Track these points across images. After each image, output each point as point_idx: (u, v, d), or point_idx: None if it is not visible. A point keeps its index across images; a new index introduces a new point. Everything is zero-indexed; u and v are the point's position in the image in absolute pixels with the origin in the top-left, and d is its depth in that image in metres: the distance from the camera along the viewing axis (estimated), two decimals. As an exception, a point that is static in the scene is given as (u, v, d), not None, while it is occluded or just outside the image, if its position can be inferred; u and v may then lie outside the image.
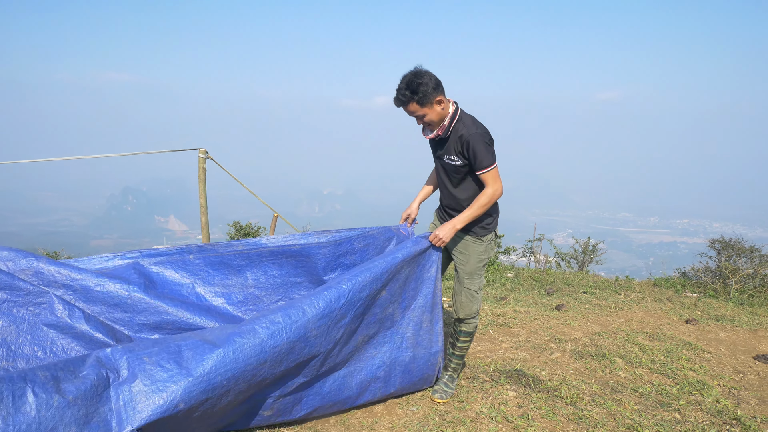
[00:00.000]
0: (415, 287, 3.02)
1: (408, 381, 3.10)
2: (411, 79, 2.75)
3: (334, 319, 2.66)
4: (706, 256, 9.22)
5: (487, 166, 2.84)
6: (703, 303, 6.74)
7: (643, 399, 3.40)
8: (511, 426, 2.92)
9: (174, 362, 2.29)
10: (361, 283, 2.74)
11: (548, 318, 5.20)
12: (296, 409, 2.75)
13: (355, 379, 2.88)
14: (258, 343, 2.42)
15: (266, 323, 2.51)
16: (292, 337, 2.52)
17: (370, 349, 2.92)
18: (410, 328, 3.02)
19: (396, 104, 2.85)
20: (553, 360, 3.97)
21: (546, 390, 3.39)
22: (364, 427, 2.88)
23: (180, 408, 2.22)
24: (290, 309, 2.58)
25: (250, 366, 2.39)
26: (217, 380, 2.30)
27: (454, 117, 2.90)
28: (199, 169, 4.67)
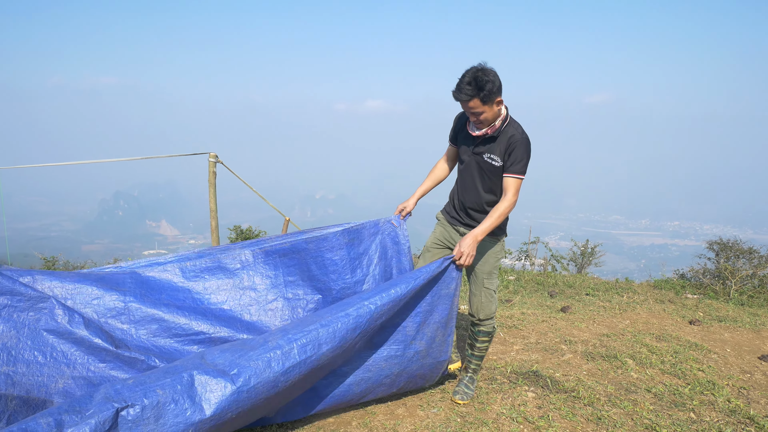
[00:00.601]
0: (431, 302, 2.99)
1: (411, 384, 3.15)
2: (478, 76, 2.69)
3: (348, 348, 2.68)
4: (704, 258, 9.31)
5: (518, 173, 2.87)
6: (704, 304, 6.81)
7: (657, 399, 3.43)
8: (533, 427, 2.94)
9: (187, 396, 2.25)
10: (379, 311, 2.70)
11: (556, 320, 5.23)
12: (296, 410, 2.79)
13: (360, 387, 2.90)
14: (272, 377, 2.39)
15: (281, 356, 2.44)
16: (304, 370, 2.50)
17: (380, 362, 2.91)
18: (423, 342, 3.01)
19: (456, 97, 2.78)
20: (566, 361, 4.00)
21: (563, 391, 3.42)
22: (387, 429, 2.89)
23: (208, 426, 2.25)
24: (308, 343, 2.51)
25: (260, 399, 2.38)
26: (227, 416, 2.30)
27: (506, 120, 2.90)
28: (209, 173, 4.66)
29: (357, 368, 2.85)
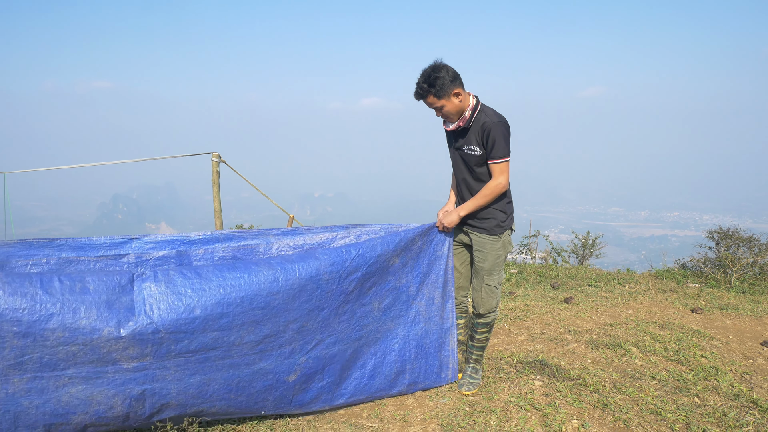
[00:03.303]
0: (429, 263, 3.16)
1: (422, 363, 3.16)
2: (429, 73, 2.83)
3: (346, 270, 2.81)
4: (705, 247, 9.36)
5: (501, 157, 2.91)
6: (705, 293, 6.86)
7: (661, 385, 3.48)
8: (540, 414, 2.99)
9: (195, 273, 2.57)
10: (371, 244, 2.93)
11: (559, 311, 5.28)
12: (318, 377, 2.83)
13: (371, 348, 2.99)
14: (272, 273, 2.65)
15: (280, 260, 2.75)
16: (304, 275, 2.71)
17: (387, 322, 3.03)
18: (423, 302, 3.15)
19: (416, 97, 2.92)
20: (571, 350, 4.05)
21: (569, 378, 3.46)
22: (397, 419, 2.94)
23: (197, 314, 2.46)
24: (304, 253, 2.83)
25: (262, 292, 2.60)
26: (232, 296, 2.54)
27: (475, 109, 2.95)
28: (212, 173, 4.69)
29: (366, 328, 2.95)
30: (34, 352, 2.30)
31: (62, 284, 2.37)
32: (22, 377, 2.31)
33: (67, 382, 2.37)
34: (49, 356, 2.32)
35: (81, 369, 2.37)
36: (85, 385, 2.39)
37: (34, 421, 2.36)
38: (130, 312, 2.41)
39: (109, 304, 2.39)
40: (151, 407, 2.50)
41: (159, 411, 2.54)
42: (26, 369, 2.31)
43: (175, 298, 2.48)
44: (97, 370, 2.39)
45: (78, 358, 2.36)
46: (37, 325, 2.28)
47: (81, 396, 2.39)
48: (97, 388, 2.40)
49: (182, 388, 2.53)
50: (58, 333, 2.31)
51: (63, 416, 2.39)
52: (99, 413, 2.43)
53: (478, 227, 3.11)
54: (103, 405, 2.42)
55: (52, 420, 2.38)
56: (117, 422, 2.50)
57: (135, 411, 2.48)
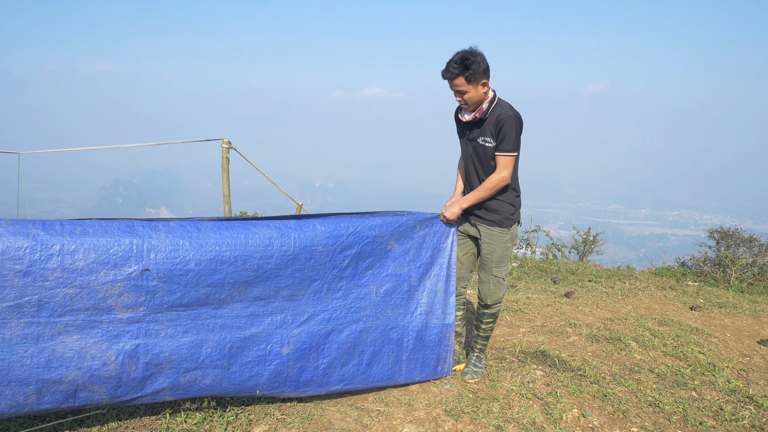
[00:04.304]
0: (432, 255, 3.17)
1: (420, 356, 3.18)
2: (465, 55, 2.84)
3: (341, 245, 2.87)
4: (705, 246, 9.43)
5: (509, 150, 2.96)
6: (704, 291, 6.93)
7: (660, 379, 3.55)
8: (542, 402, 3.06)
9: (194, 227, 2.64)
10: (370, 223, 2.97)
11: (560, 304, 5.35)
12: (313, 356, 2.86)
13: (370, 336, 3.01)
14: (267, 236, 2.71)
15: (279, 224, 2.80)
16: (298, 243, 2.78)
17: (386, 309, 3.05)
18: (425, 294, 3.16)
19: (444, 75, 2.92)
20: (571, 343, 4.11)
21: (570, 369, 3.53)
22: (402, 403, 3.01)
23: (191, 267, 2.55)
24: (303, 222, 2.87)
25: (257, 254, 2.67)
26: (226, 254, 2.61)
27: (493, 101, 3.00)
28: (222, 159, 4.72)
29: (363, 311, 2.98)
30: (33, 293, 2.34)
31: (63, 227, 2.44)
32: (19, 321, 2.34)
33: (62, 329, 2.40)
34: (47, 299, 2.37)
35: (77, 316, 2.42)
36: (80, 334, 2.43)
37: (27, 375, 2.36)
38: (127, 257, 2.46)
39: (107, 248, 2.44)
40: (144, 369, 2.52)
41: (152, 376, 2.54)
42: (24, 312, 2.35)
43: (172, 249, 2.53)
44: (92, 319, 2.44)
45: (75, 303, 2.40)
46: (38, 264, 2.33)
47: (75, 347, 2.42)
48: (91, 339, 2.43)
49: (175, 347, 2.56)
50: (57, 273, 2.36)
51: (57, 370, 2.39)
52: (92, 370, 2.44)
53: (488, 219, 3.16)
54: (96, 360, 2.44)
55: (45, 375, 2.38)
56: (110, 386, 2.49)
57: (128, 372, 2.49)
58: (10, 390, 2.35)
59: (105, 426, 2.68)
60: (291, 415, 2.85)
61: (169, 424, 2.68)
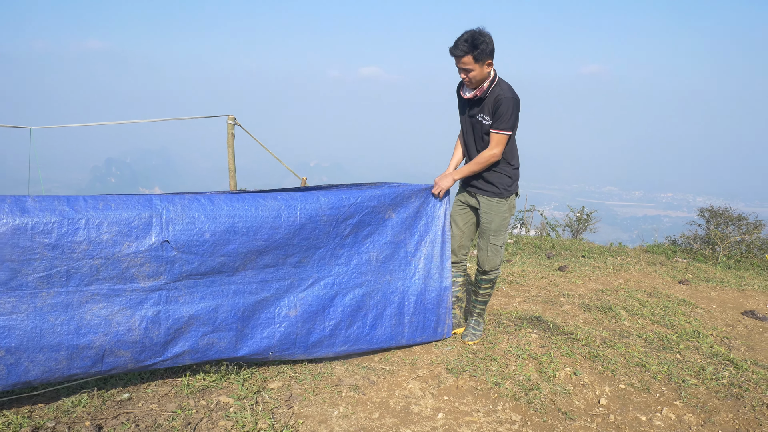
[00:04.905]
0: (427, 223, 3.38)
1: (420, 318, 3.36)
2: (475, 35, 2.97)
3: (343, 215, 3.08)
4: (695, 225, 9.66)
5: (502, 129, 3.14)
6: (693, 267, 7.16)
7: (647, 344, 3.76)
8: (536, 362, 3.27)
9: (208, 200, 2.80)
10: (369, 194, 3.16)
11: (554, 277, 5.56)
12: (320, 319, 3.05)
13: (372, 299, 3.21)
14: (276, 208, 2.89)
15: (286, 196, 2.98)
16: (304, 214, 2.96)
17: (386, 275, 3.26)
18: (422, 260, 3.37)
19: (452, 53, 3.05)
20: (564, 311, 4.33)
21: (563, 333, 3.75)
22: (406, 363, 3.21)
23: (207, 238, 2.72)
24: (307, 194, 3.05)
25: (266, 225, 2.85)
26: (239, 225, 2.78)
27: (493, 81, 3.15)
28: (227, 135, 4.85)
29: (364, 276, 3.18)
30: (61, 264, 2.50)
31: (86, 202, 2.58)
32: (49, 291, 2.50)
33: (89, 298, 2.56)
34: (74, 269, 2.52)
35: (102, 285, 2.58)
36: (106, 302, 2.59)
37: (58, 342, 2.50)
38: (147, 230, 2.63)
39: (129, 221, 2.60)
40: (165, 333, 2.69)
41: (173, 340, 2.71)
42: (53, 283, 2.50)
43: (188, 221, 2.70)
44: (117, 288, 2.61)
45: (100, 273, 2.57)
46: (65, 237, 2.49)
47: (102, 315, 2.58)
48: (116, 307, 2.60)
49: (193, 312, 2.74)
50: (84, 246, 2.52)
51: (85, 337, 2.54)
52: (118, 335, 2.60)
53: (487, 190, 3.33)
54: (122, 326, 2.60)
55: (74, 341, 2.52)
56: (134, 350, 2.64)
57: (151, 337, 2.66)
58: (43, 356, 2.51)
59: (128, 385, 2.86)
60: (302, 373, 3.04)
61: (189, 381, 2.87)
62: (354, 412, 2.67)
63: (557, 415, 2.77)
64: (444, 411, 2.73)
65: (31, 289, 2.48)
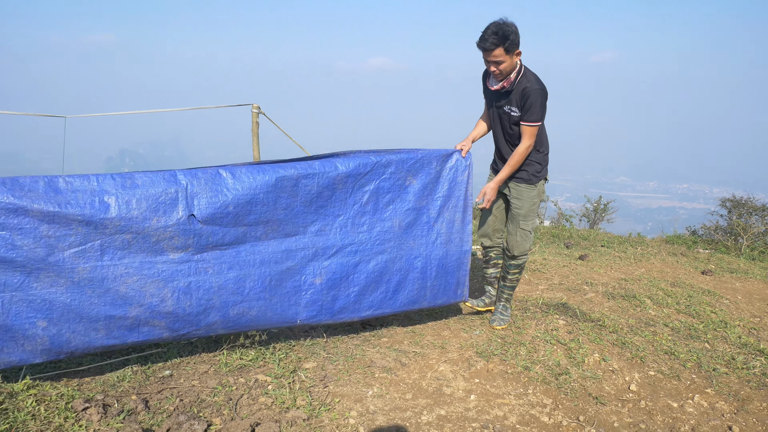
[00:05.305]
0: (449, 188, 3.38)
1: (442, 281, 3.40)
2: (502, 27, 2.97)
3: (360, 182, 3.11)
4: (716, 215, 9.57)
5: (533, 121, 3.16)
6: (715, 258, 7.10)
7: (674, 332, 3.77)
8: (565, 348, 3.30)
9: (230, 173, 2.86)
10: (386, 160, 3.18)
11: (575, 266, 5.56)
12: (344, 285, 3.11)
13: (396, 265, 3.25)
14: (294, 177, 2.94)
15: (304, 165, 3.00)
16: (321, 182, 3.01)
17: (409, 240, 3.29)
18: (444, 225, 3.38)
19: (482, 47, 3.03)
20: (588, 299, 4.34)
21: (590, 320, 3.77)
22: (436, 346, 3.26)
23: (230, 210, 2.79)
24: (325, 161, 3.08)
25: (284, 194, 2.91)
26: (259, 196, 2.86)
27: (520, 71, 3.16)
28: (252, 123, 4.90)
29: (388, 242, 3.21)
30: (95, 239, 2.60)
31: (115, 181, 2.68)
32: (85, 265, 2.60)
33: (123, 271, 2.66)
34: (107, 244, 2.63)
35: (134, 259, 2.68)
36: (139, 275, 2.68)
37: (96, 313, 2.61)
38: (174, 204, 2.71)
39: (156, 197, 2.69)
40: (197, 304, 2.77)
41: (204, 311, 2.79)
42: (89, 257, 2.60)
43: (212, 195, 2.77)
44: (148, 261, 2.70)
45: (132, 247, 2.67)
46: (97, 214, 2.58)
47: (136, 287, 2.68)
48: (149, 279, 2.70)
49: (222, 282, 2.82)
50: (115, 222, 2.61)
51: (121, 308, 2.65)
52: (152, 306, 2.70)
53: (516, 177, 3.37)
54: (155, 297, 2.70)
55: (111, 312, 2.63)
56: (168, 320, 2.73)
57: (183, 308, 2.75)
58: (82, 326, 2.62)
59: (168, 362, 2.94)
60: (335, 354, 3.11)
61: (226, 360, 2.95)
62: (388, 392, 2.73)
63: (588, 399, 2.80)
64: (476, 393, 2.78)
65: (68, 264, 2.58)
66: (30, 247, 2.52)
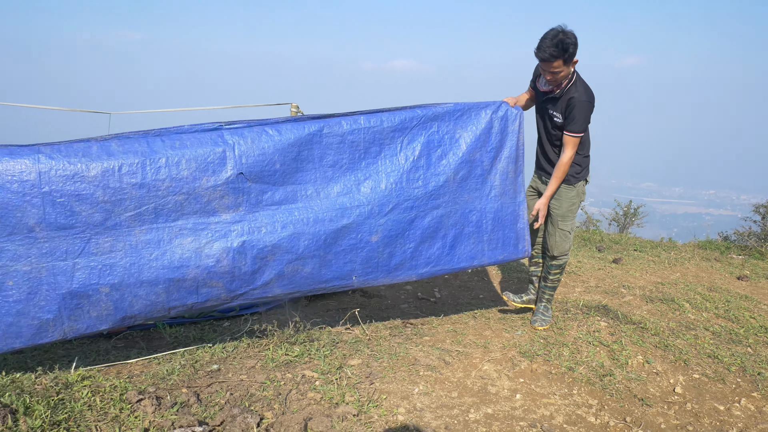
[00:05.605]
0: (501, 139, 3.30)
1: (500, 236, 3.32)
2: (562, 38, 2.93)
3: (409, 137, 3.08)
4: (750, 221, 9.39)
5: (576, 132, 3.17)
6: (750, 264, 6.97)
7: (715, 336, 3.73)
8: (608, 349, 3.30)
9: (275, 130, 2.87)
10: (433, 113, 3.14)
11: (610, 269, 5.53)
12: (400, 242, 3.08)
13: (451, 219, 3.19)
14: (339, 133, 2.95)
15: (350, 120, 2.99)
16: (367, 138, 3.01)
17: (463, 194, 3.22)
18: (498, 177, 3.30)
19: (541, 58, 3.01)
20: (627, 302, 4.32)
21: (631, 323, 3.75)
22: (479, 346, 3.29)
23: (277, 168, 2.83)
24: (370, 115, 3.04)
25: (330, 150, 2.93)
26: (305, 153, 2.89)
27: (571, 79, 3.15)
28: (292, 122, 4.99)
29: (441, 198, 3.16)
30: (149, 202, 2.65)
31: (164, 142, 2.71)
32: (141, 228, 2.65)
33: (177, 233, 2.71)
34: (161, 206, 2.67)
35: (188, 220, 2.73)
36: (193, 236, 2.73)
37: (155, 276, 2.66)
38: (223, 164, 2.75)
39: (204, 156, 2.72)
40: (252, 263, 2.79)
41: (260, 269, 2.82)
42: (144, 220, 2.66)
43: (259, 153, 2.80)
44: (202, 221, 2.75)
45: (185, 208, 2.71)
46: (149, 176, 2.63)
47: (191, 248, 2.72)
48: (203, 240, 2.74)
49: (276, 241, 2.83)
50: (167, 183, 2.66)
51: (179, 270, 2.69)
52: (209, 267, 2.73)
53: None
54: (211, 257, 2.73)
55: (170, 275, 2.68)
56: (225, 280, 2.77)
57: (239, 267, 2.77)
58: (143, 290, 2.68)
59: (215, 356, 3.02)
60: (379, 352, 3.15)
61: (273, 356, 3.01)
62: (433, 390, 2.76)
63: (633, 401, 2.80)
64: (521, 392, 2.80)
65: (125, 228, 2.64)
66: (88, 212, 2.57)
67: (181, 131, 2.84)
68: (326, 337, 3.28)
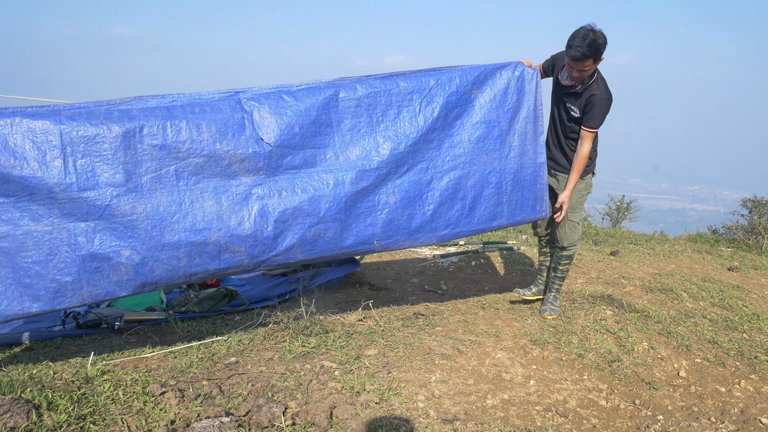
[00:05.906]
0: (518, 99, 3.27)
1: (518, 196, 3.31)
2: (594, 38, 2.96)
3: (425, 98, 3.07)
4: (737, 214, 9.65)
5: (593, 127, 3.26)
6: (738, 255, 7.17)
7: (713, 324, 3.87)
8: (615, 337, 3.41)
9: (292, 96, 2.90)
10: (450, 75, 3.14)
11: (609, 261, 5.66)
12: (419, 204, 3.09)
13: (469, 181, 3.18)
14: (356, 97, 2.97)
15: (365, 84, 3.02)
16: (385, 100, 3.02)
17: (482, 155, 3.20)
18: (516, 137, 3.27)
19: (572, 55, 3.02)
20: (628, 292, 4.44)
21: (635, 311, 3.88)
22: (491, 335, 3.38)
23: (296, 131, 2.85)
24: (386, 79, 3.07)
25: (347, 114, 2.95)
26: (322, 117, 2.91)
27: (593, 76, 3.21)
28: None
29: (459, 158, 3.16)
30: (170, 164, 2.66)
31: (183, 109, 2.73)
32: (162, 190, 2.66)
33: (198, 195, 2.72)
34: (182, 168, 2.68)
35: (208, 183, 2.74)
36: (214, 199, 2.74)
37: (177, 240, 2.65)
38: (241, 127, 2.77)
39: (224, 120, 2.75)
40: (274, 227, 2.80)
41: (282, 234, 2.83)
42: (165, 183, 2.66)
43: (277, 116, 2.83)
44: (222, 184, 2.76)
45: (205, 171, 2.73)
46: (169, 138, 2.65)
47: (213, 210, 2.72)
48: (225, 202, 2.75)
49: (297, 204, 2.85)
50: (187, 145, 2.67)
51: (201, 233, 2.69)
52: (231, 230, 2.73)
53: (565, 167, 3.48)
54: (233, 220, 2.74)
55: (191, 238, 2.67)
56: (247, 245, 2.77)
57: (261, 231, 2.78)
58: (165, 254, 2.67)
59: (231, 348, 3.08)
60: (394, 342, 3.23)
61: (290, 347, 3.08)
62: (450, 378, 2.85)
63: (641, 384, 2.92)
64: (534, 379, 2.90)
65: (146, 190, 2.64)
66: (110, 174, 2.58)
67: (200, 95, 2.87)
68: (341, 329, 3.36)
